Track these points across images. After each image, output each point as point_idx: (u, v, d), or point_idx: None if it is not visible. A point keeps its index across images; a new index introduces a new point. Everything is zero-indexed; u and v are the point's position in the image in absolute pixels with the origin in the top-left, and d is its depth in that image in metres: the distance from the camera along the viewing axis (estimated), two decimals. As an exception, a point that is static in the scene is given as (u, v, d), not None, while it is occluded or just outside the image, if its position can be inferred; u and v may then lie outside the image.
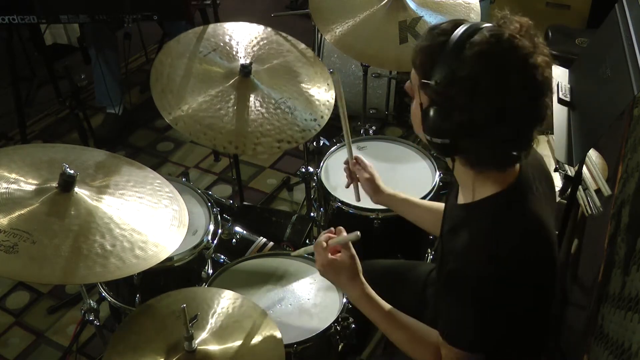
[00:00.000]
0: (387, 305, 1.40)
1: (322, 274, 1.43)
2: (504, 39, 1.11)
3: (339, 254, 1.41)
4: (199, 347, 1.36)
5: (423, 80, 1.18)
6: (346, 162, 1.78)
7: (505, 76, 1.11)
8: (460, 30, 1.15)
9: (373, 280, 1.44)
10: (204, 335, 1.41)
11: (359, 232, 1.37)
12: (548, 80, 1.15)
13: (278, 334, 1.44)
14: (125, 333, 1.45)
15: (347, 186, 1.80)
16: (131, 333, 1.44)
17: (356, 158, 1.75)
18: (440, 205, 1.66)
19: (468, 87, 1.12)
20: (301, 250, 1.65)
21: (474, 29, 1.14)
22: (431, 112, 1.17)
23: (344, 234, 1.43)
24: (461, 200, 1.33)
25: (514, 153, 1.20)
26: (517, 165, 1.25)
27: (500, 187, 1.23)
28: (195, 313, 1.39)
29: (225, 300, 1.51)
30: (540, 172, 1.32)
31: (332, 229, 1.46)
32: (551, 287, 1.28)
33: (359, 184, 1.76)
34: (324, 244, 1.42)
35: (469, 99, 1.12)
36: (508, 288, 1.18)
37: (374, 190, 1.71)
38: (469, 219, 1.26)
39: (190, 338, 1.34)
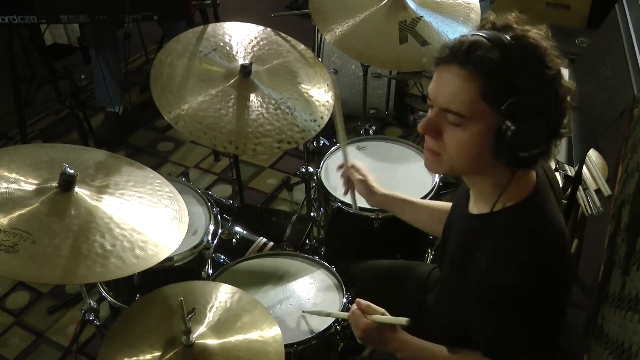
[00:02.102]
0: (423, 342, 1.38)
1: (364, 340, 1.39)
2: (525, 33, 1.15)
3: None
4: (196, 341, 1.36)
5: (511, 101, 1.10)
6: (340, 167, 1.78)
7: (548, 63, 1.16)
8: (500, 38, 1.13)
9: (373, 280, 1.43)
10: (202, 329, 1.41)
11: (408, 319, 1.32)
12: None
13: (276, 328, 1.44)
14: (122, 327, 1.45)
15: (345, 193, 1.80)
16: (128, 327, 1.44)
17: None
18: (439, 204, 1.65)
19: (547, 84, 1.14)
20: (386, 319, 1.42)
21: (501, 32, 1.15)
22: (517, 128, 1.11)
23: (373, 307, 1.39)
24: (474, 210, 1.31)
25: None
26: (534, 174, 1.25)
27: (520, 197, 1.22)
28: (193, 306, 1.38)
29: (224, 295, 1.51)
30: (552, 178, 1.32)
31: (360, 301, 1.41)
32: (569, 286, 1.30)
33: (355, 191, 1.75)
34: (360, 312, 1.38)
35: (551, 97, 1.14)
36: (542, 293, 1.18)
37: (368, 191, 1.70)
38: (490, 231, 1.23)
39: (188, 332, 1.34)
